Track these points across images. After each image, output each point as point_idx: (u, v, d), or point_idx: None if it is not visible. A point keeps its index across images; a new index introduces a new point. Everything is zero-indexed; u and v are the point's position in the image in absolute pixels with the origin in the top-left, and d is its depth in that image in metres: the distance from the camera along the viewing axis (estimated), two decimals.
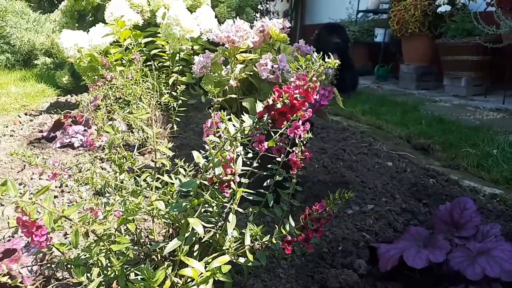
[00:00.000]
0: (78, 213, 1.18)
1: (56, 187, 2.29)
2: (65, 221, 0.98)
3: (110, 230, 1.03)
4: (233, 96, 2.06)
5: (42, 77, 6.22)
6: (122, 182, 1.17)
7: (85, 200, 1.09)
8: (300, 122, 1.21)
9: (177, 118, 3.06)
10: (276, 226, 1.20)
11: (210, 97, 1.46)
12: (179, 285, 1.07)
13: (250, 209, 1.26)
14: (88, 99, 4.12)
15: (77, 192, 2.04)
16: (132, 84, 3.05)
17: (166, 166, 1.28)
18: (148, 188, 1.14)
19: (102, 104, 2.59)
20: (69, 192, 2.31)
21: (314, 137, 3.74)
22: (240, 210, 1.19)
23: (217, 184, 1.11)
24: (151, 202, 1.06)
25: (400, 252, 1.54)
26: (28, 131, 3.59)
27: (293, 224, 1.06)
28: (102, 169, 2.71)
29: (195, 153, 1.02)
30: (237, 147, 1.08)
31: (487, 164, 3.05)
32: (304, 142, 1.19)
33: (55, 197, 2.22)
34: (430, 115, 4.49)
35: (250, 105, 1.95)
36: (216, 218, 1.23)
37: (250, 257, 1.05)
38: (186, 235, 1.06)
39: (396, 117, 4.38)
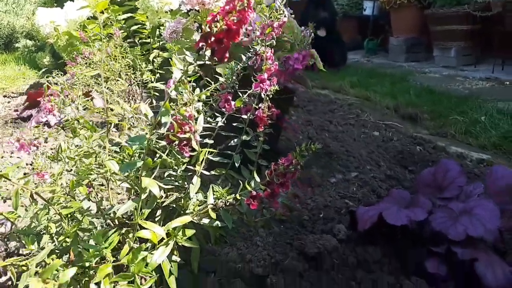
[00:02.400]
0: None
1: (27, 164, 2.21)
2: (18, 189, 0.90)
3: (59, 195, 0.95)
4: (208, 62, 1.97)
5: (23, 59, 6.05)
6: (76, 146, 1.09)
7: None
8: (266, 75, 1.13)
9: (156, 93, 2.96)
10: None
11: None
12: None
13: (216, 172, 1.19)
14: (66, 77, 3.99)
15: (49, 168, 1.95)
16: (110, 60, 2.94)
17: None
18: (103, 151, 1.06)
19: (79, 81, 2.49)
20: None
21: (300, 109, 3.66)
22: (206, 172, 1.12)
23: (177, 144, 1.04)
24: (103, 162, 0.98)
25: (380, 211, 1.48)
26: (4, 112, 3.48)
27: (258, 180, 0.99)
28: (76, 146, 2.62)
29: (142, 106, 0.93)
30: (195, 103, 1.00)
31: (475, 131, 3.00)
32: (270, 96, 1.11)
33: (25, 174, 2.13)
34: (419, 86, 4.41)
35: (224, 71, 1.86)
36: (180, 182, 1.16)
37: (213, 214, 0.98)
38: (144, 196, 0.98)
39: (385, 88, 4.30)
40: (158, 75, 2.84)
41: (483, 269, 1.31)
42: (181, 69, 0.89)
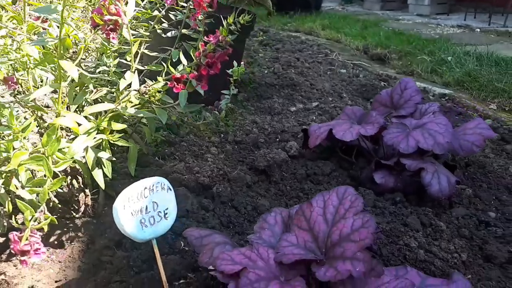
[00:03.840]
0: None
1: None
2: None
3: None
4: None
5: None
6: None
7: None
8: None
9: None
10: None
11: None
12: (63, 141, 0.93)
13: (152, 67, 1.10)
14: None
15: None
16: None
17: None
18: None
19: None
20: None
21: (268, 48, 3.55)
22: (140, 67, 1.03)
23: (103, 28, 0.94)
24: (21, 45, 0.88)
25: (331, 127, 1.45)
26: None
27: (185, 62, 0.91)
28: None
29: None
30: None
31: (441, 70, 2.98)
32: None
33: None
34: (391, 30, 4.34)
35: None
36: (115, 78, 1.07)
37: (135, 101, 0.91)
38: (65, 84, 0.90)
39: (356, 30, 4.21)
40: None
41: (429, 178, 1.31)
42: None
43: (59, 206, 1.05)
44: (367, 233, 0.81)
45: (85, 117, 0.93)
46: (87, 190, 1.09)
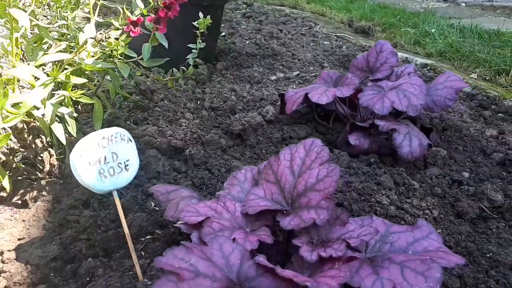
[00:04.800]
0: None
1: None
2: None
3: None
4: None
5: None
6: None
7: None
8: None
9: None
10: None
11: None
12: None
13: (110, 19, 1.06)
14: None
15: None
16: None
17: None
18: None
19: None
20: None
21: (252, 20, 3.49)
22: (100, 19, 0.99)
23: None
24: None
25: (307, 91, 1.43)
26: None
27: (141, 5, 0.87)
28: None
29: None
30: None
31: (424, 42, 2.96)
32: None
33: None
34: (376, 4, 4.29)
35: None
36: (73, 32, 1.03)
37: (88, 54, 0.87)
38: (17, 35, 0.86)
39: (341, 4, 4.16)
40: None
41: (400, 139, 1.30)
42: None
43: (23, 166, 1.03)
44: (332, 182, 0.80)
45: (43, 70, 0.89)
46: (51, 150, 1.06)
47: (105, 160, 0.77)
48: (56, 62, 0.99)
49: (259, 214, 0.85)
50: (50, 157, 1.05)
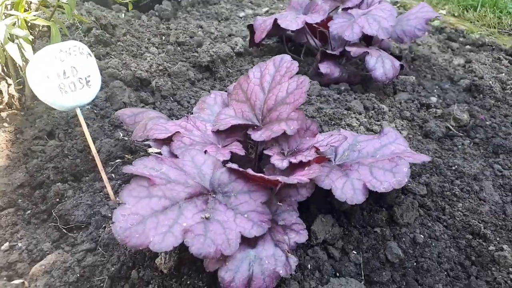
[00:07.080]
0: None
1: None
2: None
3: None
4: None
5: None
6: None
7: None
8: None
9: None
10: None
11: None
12: None
13: None
14: None
15: None
16: None
17: None
18: None
19: None
20: None
21: None
22: None
23: None
24: None
25: (276, 18, 1.39)
26: None
27: None
28: None
29: None
30: None
31: None
32: None
33: None
34: None
35: None
36: None
37: None
38: None
39: None
40: None
41: (373, 62, 1.29)
42: None
43: None
44: (301, 93, 0.80)
45: None
46: (8, 79, 1.00)
47: (64, 74, 0.73)
48: None
49: (230, 131, 0.85)
50: (8, 87, 1.00)
